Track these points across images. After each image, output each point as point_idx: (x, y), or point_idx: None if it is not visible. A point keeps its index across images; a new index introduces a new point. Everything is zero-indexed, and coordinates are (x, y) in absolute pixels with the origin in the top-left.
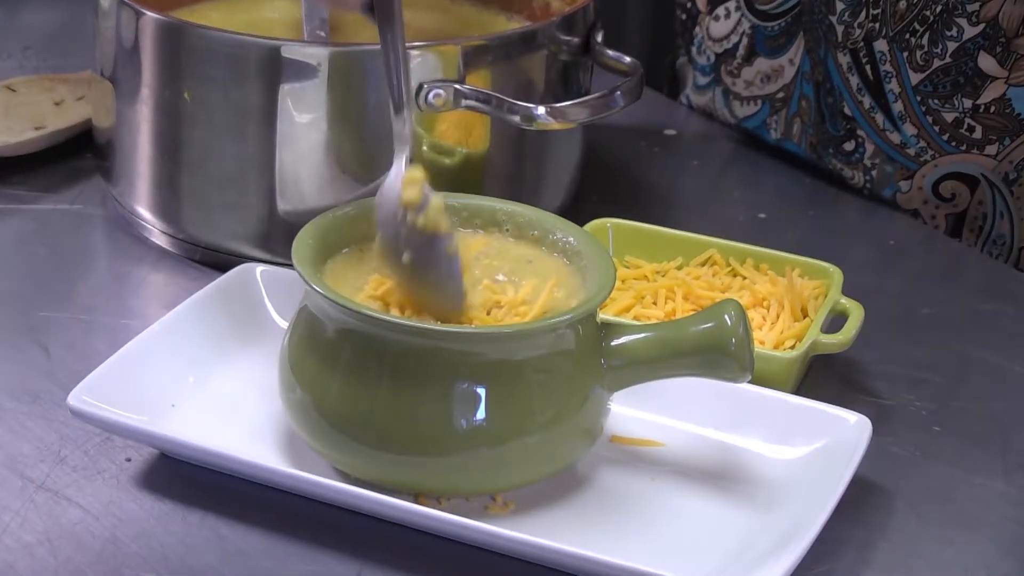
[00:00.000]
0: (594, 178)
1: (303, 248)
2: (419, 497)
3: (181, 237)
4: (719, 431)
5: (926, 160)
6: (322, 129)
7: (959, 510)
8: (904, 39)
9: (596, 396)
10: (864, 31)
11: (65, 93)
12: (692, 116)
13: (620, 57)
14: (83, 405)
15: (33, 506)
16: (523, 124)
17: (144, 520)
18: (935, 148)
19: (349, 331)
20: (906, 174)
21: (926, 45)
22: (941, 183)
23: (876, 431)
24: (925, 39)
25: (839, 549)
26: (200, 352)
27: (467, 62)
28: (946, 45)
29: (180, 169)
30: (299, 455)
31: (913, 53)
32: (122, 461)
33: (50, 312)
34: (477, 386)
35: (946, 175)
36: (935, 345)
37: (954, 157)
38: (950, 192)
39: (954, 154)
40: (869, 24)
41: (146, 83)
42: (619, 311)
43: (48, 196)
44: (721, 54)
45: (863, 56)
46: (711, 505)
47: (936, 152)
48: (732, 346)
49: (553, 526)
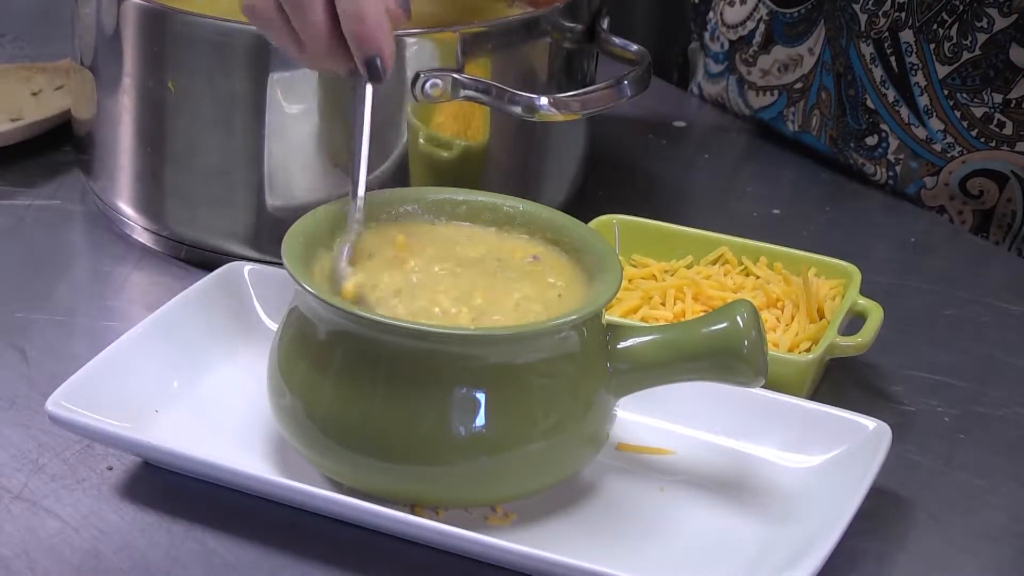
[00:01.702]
0: (599, 172)
1: (293, 245)
2: (415, 508)
3: (165, 234)
4: (731, 438)
5: (953, 156)
6: (313, 121)
7: (983, 521)
8: (931, 30)
9: (602, 401)
10: (889, 21)
11: (43, 83)
12: (703, 107)
13: (626, 45)
14: (62, 411)
15: (9, 517)
16: (525, 115)
17: (126, 532)
18: (963, 144)
19: (342, 333)
20: (932, 170)
21: (954, 37)
22: (968, 180)
23: (896, 438)
24: (954, 30)
25: (857, 562)
26: (185, 355)
27: (466, 50)
28: (976, 37)
29: (164, 163)
30: (289, 463)
31: (941, 45)
32: (103, 470)
33: (27, 313)
34: (476, 391)
35: (974, 172)
36: (959, 348)
37: (983, 154)
38: (978, 189)
39: (983, 150)
40: (895, 14)
41: (128, 72)
42: (626, 312)
43: (25, 191)
44: (736, 41)
45: (887, 47)
46: (723, 516)
47: (964, 148)
48: (745, 349)
49: (557, 538)
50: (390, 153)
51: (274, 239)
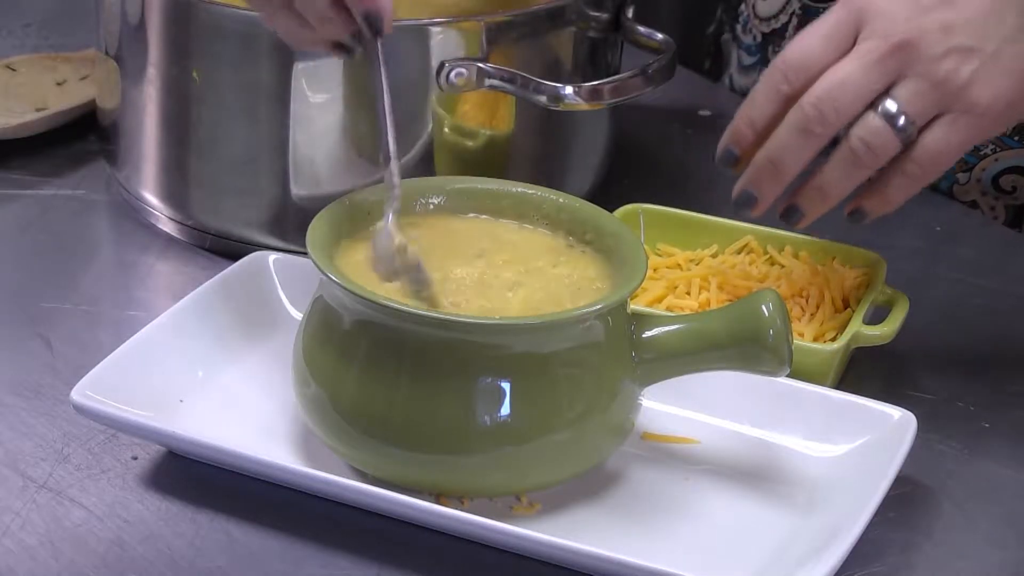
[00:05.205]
0: (624, 161)
1: (318, 235)
2: (440, 497)
3: (189, 224)
4: (756, 427)
5: (986, 154)
6: (338, 110)
7: (1008, 511)
8: None
9: (626, 391)
10: None
11: (68, 72)
12: (730, 97)
13: (652, 34)
14: (87, 400)
15: (35, 507)
16: (550, 105)
17: (151, 521)
18: (996, 142)
19: (367, 322)
20: (964, 167)
21: None
22: (1001, 176)
23: (921, 427)
24: None
25: (882, 551)
26: (209, 345)
27: (491, 39)
28: None
29: (189, 152)
30: (314, 453)
31: None
32: (128, 459)
33: (52, 303)
34: (501, 380)
35: (1007, 169)
36: (985, 337)
37: (1016, 151)
38: (1011, 185)
39: (1016, 148)
40: None
41: (153, 62)
42: (651, 301)
43: (50, 181)
44: (769, 34)
45: None
46: (748, 505)
47: (997, 146)
48: (770, 338)
49: (581, 528)
50: (415, 143)
51: (299, 228)
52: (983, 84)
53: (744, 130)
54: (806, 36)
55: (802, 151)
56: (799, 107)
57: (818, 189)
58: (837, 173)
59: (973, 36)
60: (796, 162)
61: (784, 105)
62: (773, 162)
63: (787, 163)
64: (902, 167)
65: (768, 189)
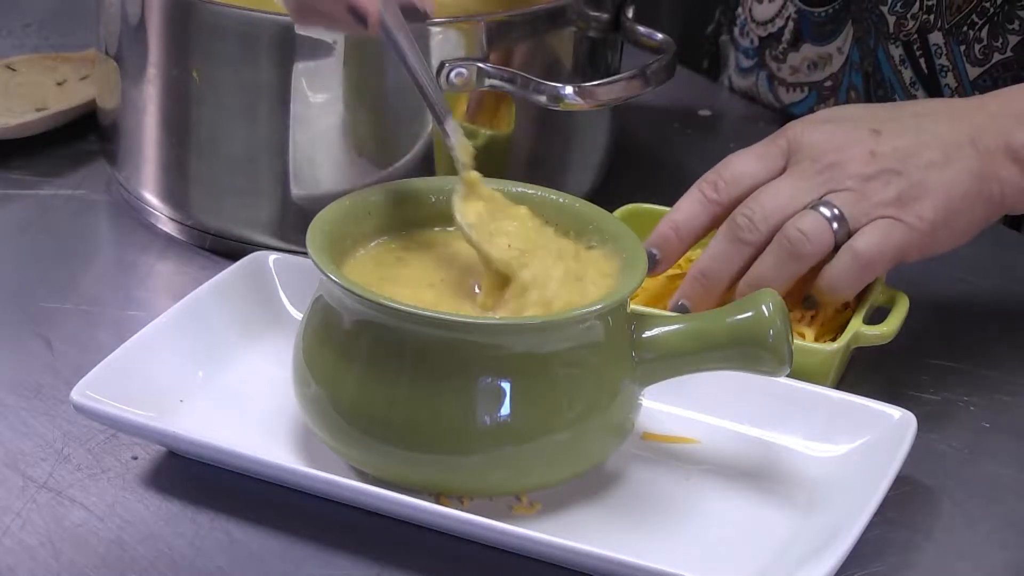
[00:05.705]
0: (624, 162)
1: (318, 235)
2: (440, 497)
3: (190, 224)
4: (756, 427)
5: None
6: (338, 110)
7: (1009, 511)
8: (961, 32)
9: (627, 391)
10: (918, 23)
11: (68, 72)
12: (730, 97)
13: (651, 34)
14: (87, 400)
15: (35, 506)
16: (549, 105)
17: (151, 521)
18: None
19: (367, 322)
20: None
21: (985, 39)
22: None
23: (921, 427)
24: (984, 32)
25: (882, 552)
26: (210, 345)
27: (490, 39)
28: (1007, 39)
29: (189, 152)
30: (314, 453)
31: (971, 47)
32: (128, 459)
33: (52, 303)
34: (502, 380)
35: None
36: (985, 337)
37: None
38: None
39: None
40: (923, 16)
41: (153, 62)
42: (651, 301)
43: (50, 181)
44: (765, 38)
45: (916, 49)
46: (748, 505)
47: None
48: (770, 338)
49: (582, 528)
50: (415, 143)
51: (299, 228)
52: (911, 201)
53: (668, 233)
54: (740, 154)
55: (731, 261)
56: (731, 218)
57: (754, 281)
58: (771, 259)
59: (899, 163)
60: (725, 272)
61: (710, 213)
62: (704, 273)
63: (717, 273)
64: (838, 256)
65: (700, 300)
